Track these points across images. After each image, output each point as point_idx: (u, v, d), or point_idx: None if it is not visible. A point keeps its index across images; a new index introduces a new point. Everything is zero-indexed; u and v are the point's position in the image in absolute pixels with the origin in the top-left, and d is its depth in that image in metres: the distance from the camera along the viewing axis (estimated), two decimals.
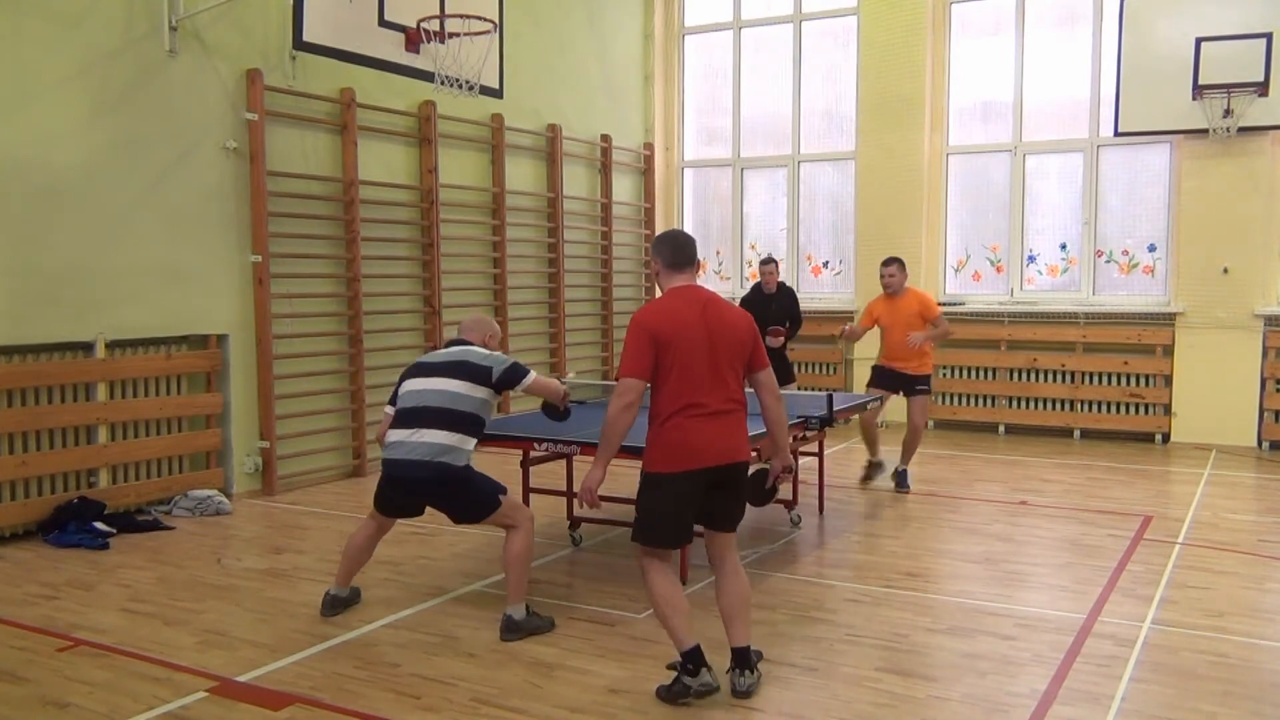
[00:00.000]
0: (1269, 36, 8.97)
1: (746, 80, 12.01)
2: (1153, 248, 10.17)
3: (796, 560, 6.01)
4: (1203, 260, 9.72)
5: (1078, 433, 10.31)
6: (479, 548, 6.21)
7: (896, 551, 6.20)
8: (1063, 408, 10.36)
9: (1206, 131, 9.34)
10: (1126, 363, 10.05)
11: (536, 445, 5.62)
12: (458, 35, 7.63)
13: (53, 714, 3.96)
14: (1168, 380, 9.94)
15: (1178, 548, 6.23)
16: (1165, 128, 9.63)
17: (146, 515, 7.01)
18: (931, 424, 7.94)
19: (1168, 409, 9.95)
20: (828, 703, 3.99)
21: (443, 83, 7.66)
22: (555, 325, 10.70)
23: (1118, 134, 9.75)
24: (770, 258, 9.22)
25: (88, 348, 6.85)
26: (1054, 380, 10.35)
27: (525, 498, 6.11)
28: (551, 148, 10.56)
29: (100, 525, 6.55)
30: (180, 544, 6.48)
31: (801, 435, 6.64)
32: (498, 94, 8.58)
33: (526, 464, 6.17)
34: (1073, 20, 10.39)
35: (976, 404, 10.71)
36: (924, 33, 10.72)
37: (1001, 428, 10.59)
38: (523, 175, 10.30)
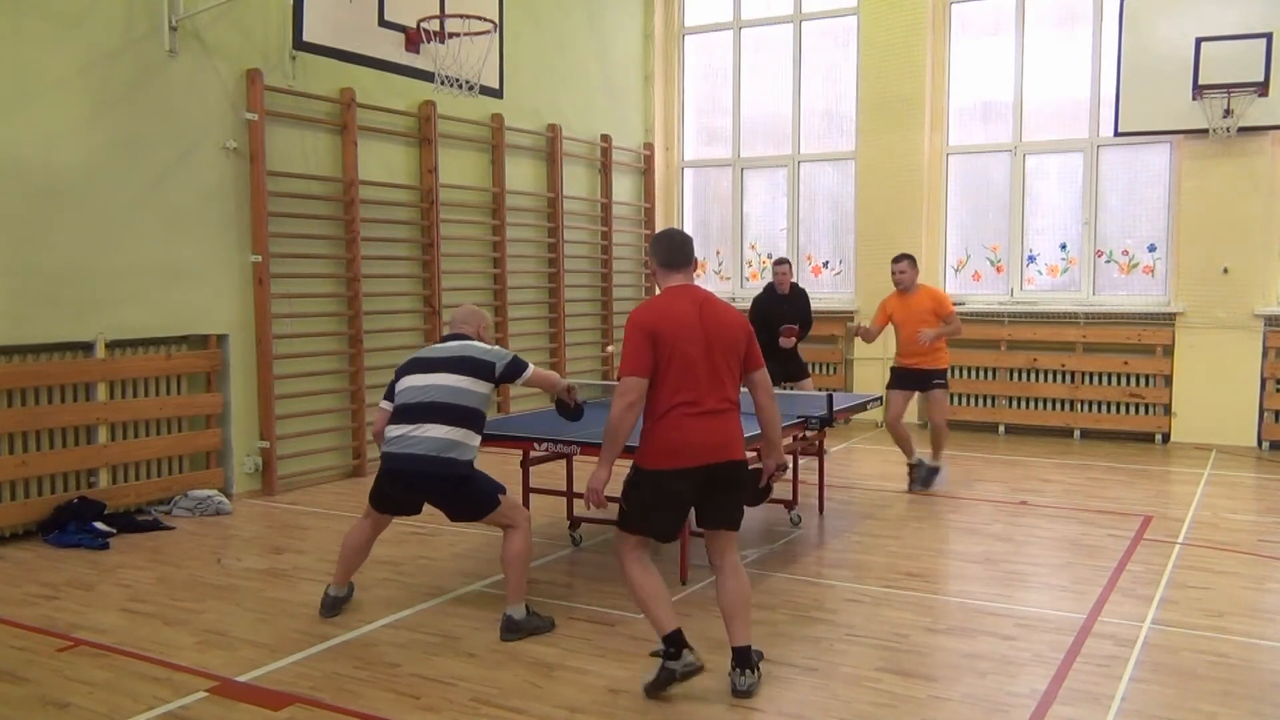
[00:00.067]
0: (1269, 36, 8.97)
1: (746, 80, 12.01)
2: (1153, 248, 10.17)
3: (796, 560, 6.01)
4: (1203, 260, 9.71)
5: (1078, 433, 10.31)
6: (479, 548, 6.21)
7: (896, 551, 6.20)
8: (1063, 408, 10.36)
9: (1206, 131, 9.34)
10: (1126, 363, 10.05)
11: (536, 445, 5.62)
12: (458, 35, 7.64)
13: (53, 714, 3.96)
14: (1168, 380, 9.94)
15: (1178, 548, 6.23)
16: (1165, 128, 9.63)
17: (146, 515, 7.02)
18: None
19: (1168, 409, 9.95)
20: (828, 703, 3.99)
21: (443, 83, 7.67)
22: (555, 325, 10.70)
23: (1118, 134, 9.75)
24: (784, 259, 9.23)
25: (88, 348, 6.85)
26: (1054, 380, 10.35)
27: (525, 498, 6.12)
28: (551, 148, 10.56)
29: (100, 525, 6.55)
30: (180, 544, 6.49)
31: (802, 435, 6.66)
32: (498, 94, 8.58)
33: (526, 464, 6.17)
34: (1073, 20, 10.39)
35: (976, 404, 10.71)
36: (924, 33, 10.72)
37: (1001, 428, 10.59)
38: (523, 175, 10.30)
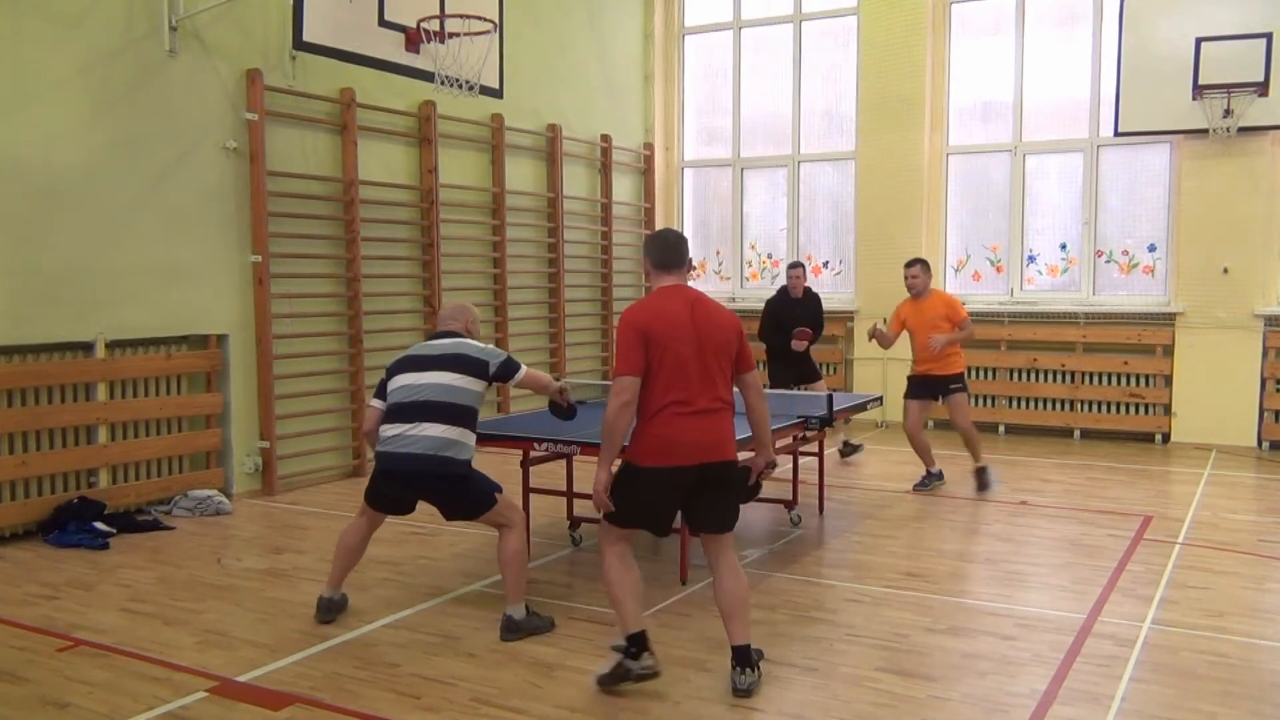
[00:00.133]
0: (1269, 36, 8.97)
1: (746, 80, 12.01)
2: (1153, 248, 10.17)
3: (796, 560, 6.01)
4: (1203, 260, 9.71)
5: (1078, 433, 10.31)
6: (479, 548, 6.21)
7: (896, 551, 6.20)
8: (1063, 408, 10.36)
9: (1206, 131, 9.34)
10: (1126, 363, 10.05)
11: (536, 445, 5.63)
12: (458, 35, 7.63)
13: (53, 714, 3.96)
14: (1168, 380, 9.93)
15: (1178, 548, 6.23)
16: (1165, 128, 9.63)
17: (146, 515, 7.01)
18: (931, 424, 7.89)
19: (1168, 409, 9.95)
20: (828, 703, 3.99)
21: (443, 83, 7.66)
22: (555, 325, 10.70)
23: (1118, 134, 9.75)
24: (798, 262, 9.21)
25: (88, 348, 6.85)
26: (1054, 380, 10.35)
27: (525, 498, 6.11)
28: (551, 148, 10.56)
29: (100, 525, 6.55)
30: (180, 544, 6.49)
31: (801, 435, 6.65)
32: (498, 94, 8.58)
33: (526, 464, 6.16)
34: (1073, 20, 10.38)
35: (976, 404, 10.64)
36: (924, 33, 10.72)
37: (1001, 428, 10.59)
38: (523, 175, 10.30)
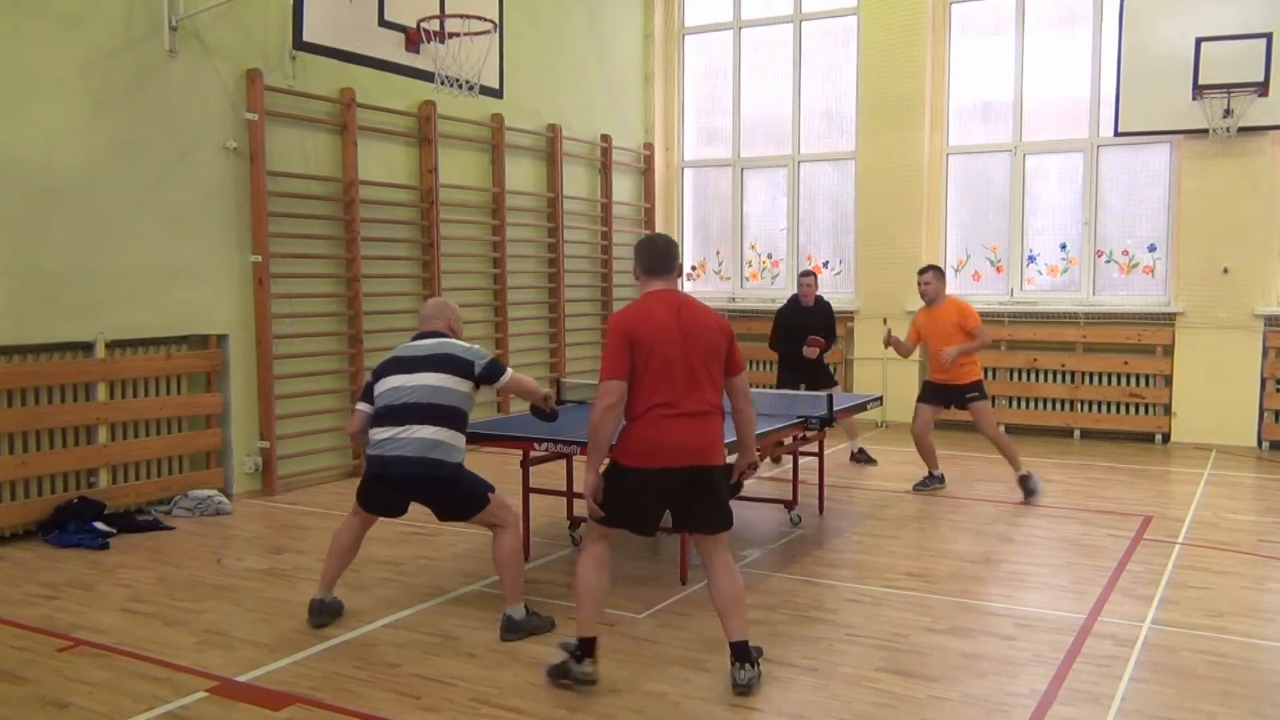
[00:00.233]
0: (1269, 36, 8.97)
1: (746, 80, 12.00)
2: (1153, 248, 10.17)
3: (796, 560, 6.01)
4: (1203, 260, 9.71)
5: (1078, 433, 10.31)
6: (479, 548, 6.21)
7: (896, 551, 6.20)
8: (1063, 408, 10.36)
9: (1206, 131, 9.34)
10: (1126, 363, 10.05)
11: (536, 445, 5.63)
12: (458, 35, 7.64)
13: (53, 714, 3.96)
14: (1168, 380, 9.93)
15: (1178, 548, 6.23)
16: (1165, 128, 9.63)
17: (146, 515, 7.01)
18: (932, 424, 7.89)
19: (1168, 409, 9.95)
20: (828, 703, 3.99)
21: (443, 83, 7.67)
22: (555, 325, 10.69)
23: (1118, 134, 9.75)
24: (809, 271, 9.18)
25: (88, 348, 6.85)
26: (1054, 380, 10.34)
27: (525, 498, 6.12)
28: (551, 148, 10.56)
29: (100, 525, 6.55)
30: (180, 544, 6.49)
31: (801, 435, 6.65)
32: (498, 94, 8.58)
33: (526, 464, 6.16)
34: (1073, 20, 10.38)
35: None
36: (924, 33, 10.72)
37: (1001, 428, 10.52)
38: (523, 175, 10.30)
